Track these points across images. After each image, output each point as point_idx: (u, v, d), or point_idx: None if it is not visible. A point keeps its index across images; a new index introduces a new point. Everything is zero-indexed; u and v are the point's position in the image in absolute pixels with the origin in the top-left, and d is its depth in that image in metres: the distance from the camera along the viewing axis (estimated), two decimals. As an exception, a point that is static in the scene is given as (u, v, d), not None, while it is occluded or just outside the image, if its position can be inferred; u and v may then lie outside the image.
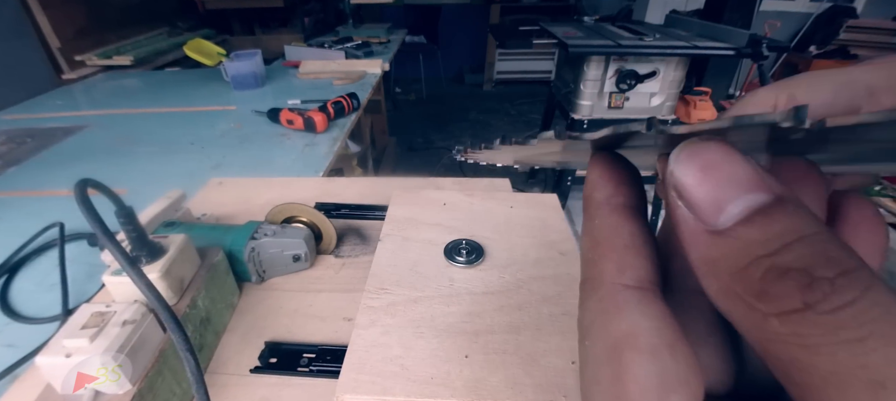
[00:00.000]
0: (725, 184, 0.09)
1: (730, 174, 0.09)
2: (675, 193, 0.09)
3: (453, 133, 3.08)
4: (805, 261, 0.08)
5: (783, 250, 0.08)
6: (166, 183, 0.53)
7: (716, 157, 0.09)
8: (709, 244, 0.09)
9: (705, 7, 2.69)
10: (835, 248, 0.08)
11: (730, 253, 0.09)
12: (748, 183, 0.09)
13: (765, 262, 0.08)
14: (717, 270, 0.09)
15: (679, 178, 0.09)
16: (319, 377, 0.38)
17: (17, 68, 1.28)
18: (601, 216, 0.12)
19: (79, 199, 0.27)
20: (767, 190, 0.09)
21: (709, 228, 0.09)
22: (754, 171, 0.09)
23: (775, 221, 0.08)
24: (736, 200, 0.09)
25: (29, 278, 0.54)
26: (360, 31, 2.14)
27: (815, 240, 0.08)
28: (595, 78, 1.61)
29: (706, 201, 0.09)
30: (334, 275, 0.49)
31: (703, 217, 0.09)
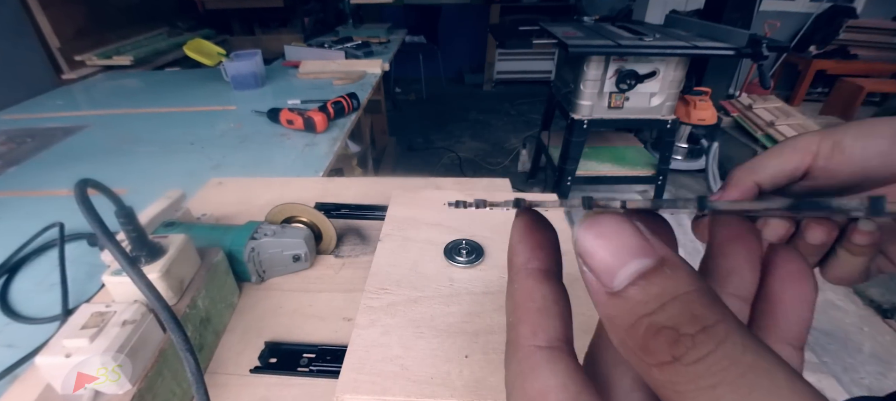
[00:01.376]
0: (616, 252, 0.10)
1: (619, 243, 0.10)
2: (579, 259, 0.11)
3: (453, 133, 3.08)
4: (674, 320, 0.09)
5: (659, 310, 0.09)
6: (166, 183, 0.53)
7: (608, 228, 0.11)
8: (607, 304, 0.10)
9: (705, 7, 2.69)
10: (700, 306, 0.09)
11: (622, 312, 0.10)
12: (635, 250, 0.10)
13: (645, 320, 0.10)
14: (615, 326, 0.10)
15: (580, 246, 0.11)
16: (319, 377, 0.38)
17: (17, 68, 1.28)
18: (519, 281, 0.14)
19: (79, 199, 0.27)
20: (651, 255, 0.10)
21: (607, 290, 0.10)
22: (641, 238, 0.10)
23: (654, 284, 0.10)
24: (625, 266, 0.10)
25: (29, 278, 0.54)
26: (360, 31, 2.14)
27: (686, 299, 0.09)
28: (595, 78, 1.61)
29: (602, 267, 0.10)
30: (334, 275, 0.49)
31: (601, 280, 0.10)
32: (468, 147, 2.87)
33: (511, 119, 3.35)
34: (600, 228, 0.11)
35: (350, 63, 1.48)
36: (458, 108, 3.57)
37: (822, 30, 3.14)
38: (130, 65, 1.60)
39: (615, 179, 1.91)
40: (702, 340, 0.09)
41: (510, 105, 3.61)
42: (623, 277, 0.10)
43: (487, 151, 2.82)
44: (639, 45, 1.51)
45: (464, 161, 2.68)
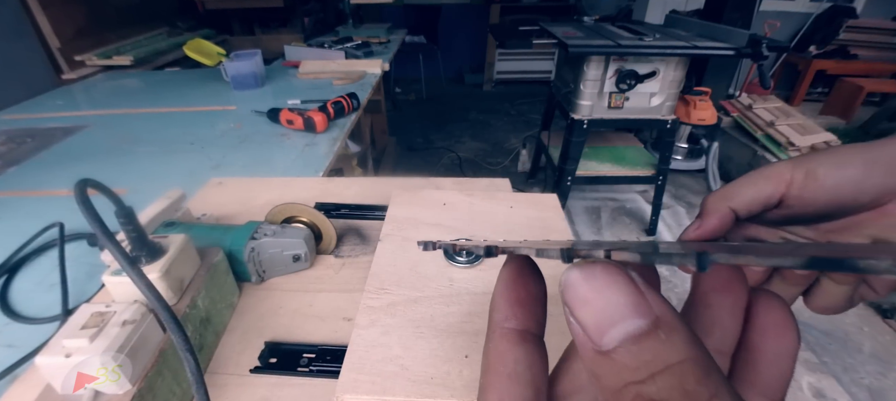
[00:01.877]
0: (606, 310, 0.09)
1: (611, 301, 0.09)
2: (566, 310, 0.10)
3: (453, 133, 3.08)
4: (664, 394, 0.09)
5: (649, 380, 0.09)
6: (166, 183, 0.53)
7: (600, 283, 0.10)
8: (594, 360, 0.10)
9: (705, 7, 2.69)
10: (693, 380, 0.08)
11: (609, 373, 0.09)
12: (627, 309, 0.09)
13: (633, 389, 0.09)
14: (600, 385, 0.10)
15: (568, 296, 0.10)
16: (319, 377, 0.38)
17: (17, 68, 1.28)
18: (493, 340, 0.13)
19: (79, 199, 0.27)
20: (645, 315, 0.09)
21: (594, 347, 0.09)
22: (635, 294, 0.09)
23: (646, 350, 0.09)
24: (615, 326, 0.09)
25: (29, 278, 0.54)
26: (359, 31, 2.14)
27: (679, 371, 0.09)
28: (595, 78, 1.61)
29: (590, 325, 0.09)
30: (334, 275, 0.49)
31: (589, 336, 0.10)
32: (468, 147, 2.87)
33: (511, 119, 3.35)
34: (593, 280, 0.10)
35: (350, 63, 1.48)
36: (458, 108, 3.57)
37: (822, 30, 3.14)
38: (130, 65, 1.60)
39: (615, 179, 1.91)
40: None
41: (510, 105, 3.61)
42: (613, 337, 0.09)
43: (487, 151, 2.82)
44: (639, 45, 1.51)
45: (464, 161, 2.68)
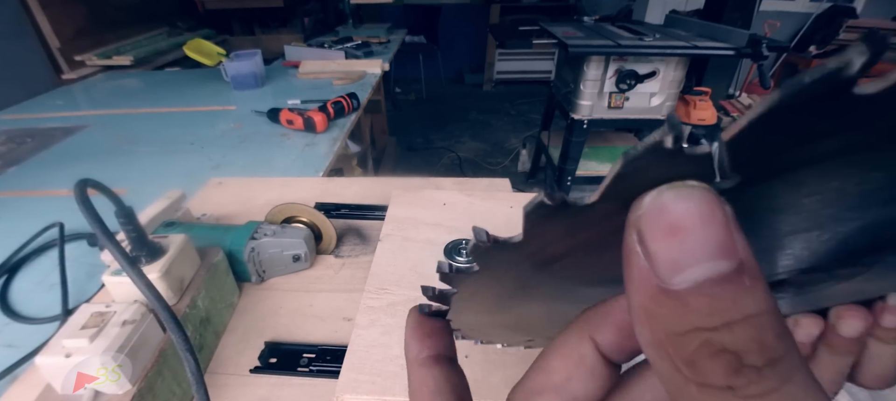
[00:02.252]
0: (691, 248, 0.08)
1: (700, 239, 0.08)
2: (635, 236, 0.09)
3: (453, 133, 3.08)
4: (740, 344, 0.08)
5: (723, 329, 0.08)
6: (166, 183, 0.53)
7: (694, 215, 0.08)
8: (655, 298, 0.08)
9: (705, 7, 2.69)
10: (771, 334, 0.08)
11: (673, 315, 0.08)
12: (715, 250, 0.08)
13: (703, 334, 0.08)
14: (655, 326, 0.09)
15: (646, 224, 0.09)
16: (319, 377, 0.38)
17: (17, 68, 1.28)
18: (413, 371, 0.14)
19: (79, 199, 0.27)
20: (733, 256, 0.08)
21: (659, 283, 0.08)
22: (726, 234, 0.08)
23: (726, 296, 0.08)
24: (696, 266, 0.08)
25: (29, 278, 0.54)
26: (359, 31, 2.14)
27: (756, 323, 0.08)
28: (595, 78, 1.61)
29: (665, 259, 0.08)
30: (334, 275, 0.49)
31: (658, 272, 0.08)
32: (468, 147, 2.87)
33: (511, 119, 3.35)
34: (687, 207, 0.08)
35: (350, 63, 1.48)
36: (458, 108, 3.57)
37: (822, 30, 3.14)
38: (130, 65, 1.60)
39: (615, 179, 1.90)
40: (767, 375, 0.08)
41: (510, 105, 3.61)
42: (690, 277, 0.08)
43: (487, 151, 2.82)
44: (639, 45, 1.51)
45: (464, 161, 2.68)
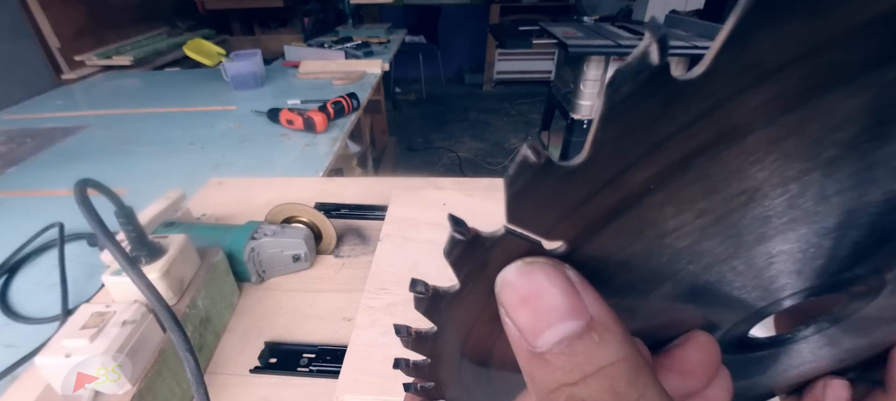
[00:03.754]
0: (542, 313, 0.09)
1: (545, 305, 0.09)
2: (502, 309, 0.10)
3: (453, 133, 3.08)
4: (596, 395, 0.09)
5: (581, 383, 0.09)
6: (166, 183, 0.53)
7: (532, 287, 0.09)
8: (529, 361, 0.10)
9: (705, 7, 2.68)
10: (622, 382, 0.09)
11: (543, 374, 0.09)
12: (563, 312, 0.09)
13: (567, 389, 0.09)
14: (535, 385, 0.10)
15: (504, 300, 0.10)
16: (319, 377, 0.38)
17: (17, 68, 1.28)
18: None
19: (79, 199, 0.27)
20: (581, 316, 0.09)
21: (529, 348, 0.09)
22: (571, 297, 0.09)
23: (579, 352, 0.09)
24: (550, 329, 0.09)
25: (29, 278, 0.54)
26: (359, 32, 2.14)
27: (609, 373, 0.09)
28: (595, 78, 1.61)
29: (525, 327, 0.09)
30: (334, 275, 0.49)
31: (524, 338, 0.09)
32: (468, 147, 2.87)
33: (511, 119, 3.34)
34: (527, 286, 0.09)
35: (350, 63, 1.48)
36: (458, 108, 3.57)
37: (822, 30, 3.14)
38: (130, 65, 1.60)
39: (615, 179, 1.90)
40: None
41: (510, 105, 3.61)
42: (548, 339, 0.09)
43: (487, 151, 2.82)
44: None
45: (464, 161, 2.68)
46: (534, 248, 0.10)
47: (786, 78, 0.07)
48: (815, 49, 0.06)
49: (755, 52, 0.06)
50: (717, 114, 0.07)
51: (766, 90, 0.07)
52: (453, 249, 0.10)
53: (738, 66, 0.07)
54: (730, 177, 0.08)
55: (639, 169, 0.08)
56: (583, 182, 0.08)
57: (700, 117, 0.07)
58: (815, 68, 0.07)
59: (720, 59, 0.06)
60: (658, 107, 0.07)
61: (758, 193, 0.09)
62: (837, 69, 0.07)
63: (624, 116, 0.07)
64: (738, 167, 0.08)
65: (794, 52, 0.06)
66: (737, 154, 0.08)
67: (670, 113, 0.07)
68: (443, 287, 0.10)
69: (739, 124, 0.07)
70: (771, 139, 0.08)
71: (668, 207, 0.09)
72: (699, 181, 0.08)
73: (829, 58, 0.07)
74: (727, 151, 0.08)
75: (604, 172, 0.08)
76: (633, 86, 0.07)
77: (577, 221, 0.09)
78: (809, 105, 0.07)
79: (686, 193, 0.09)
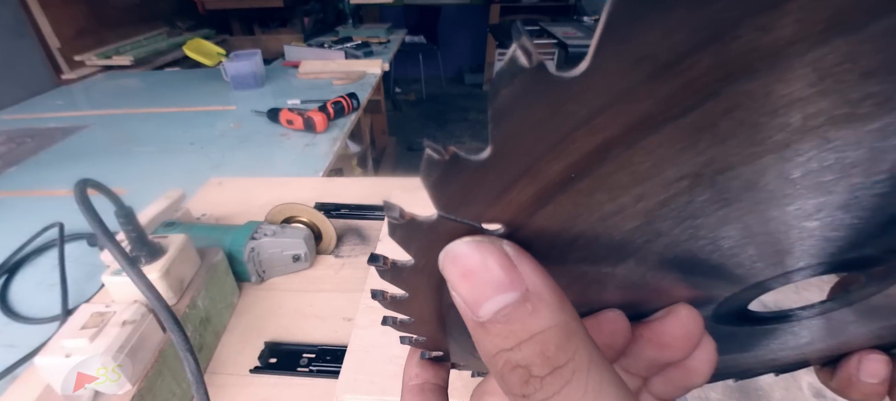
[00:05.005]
0: (480, 287, 0.10)
1: (483, 278, 0.10)
2: (448, 283, 0.11)
3: (453, 133, 3.08)
4: (527, 359, 0.10)
5: (515, 348, 0.10)
6: (166, 183, 0.53)
7: (472, 263, 0.10)
8: (473, 329, 0.10)
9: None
10: (553, 346, 0.09)
11: (486, 342, 0.10)
12: (500, 285, 0.10)
13: (505, 354, 0.10)
14: (482, 351, 0.11)
15: (448, 275, 0.11)
16: (319, 377, 0.38)
17: (17, 68, 1.28)
18: (403, 395, 0.16)
19: (78, 199, 0.27)
20: (516, 288, 0.10)
21: (473, 318, 0.10)
22: (505, 271, 0.10)
23: (515, 321, 0.10)
24: (488, 300, 0.10)
25: (29, 278, 0.54)
26: (359, 32, 2.14)
27: (541, 339, 0.10)
28: (595, 78, 1.62)
29: (468, 299, 0.10)
30: (334, 275, 0.49)
31: (468, 310, 0.10)
32: (468, 147, 2.87)
33: (511, 119, 3.34)
34: (464, 263, 0.10)
35: (350, 63, 1.48)
36: (458, 108, 3.57)
37: (822, 30, 3.14)
38: (130, 65, 1.60)
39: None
40: (549, 382, 0.09)
41: (510, 105, 3.60)
42: (487, 309, 0.10)
43: (487, 151, 2.82)
44: (639, 45, 1.51)
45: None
46: (473, 228, 0.10)
47: (690, 69, 0.07)
48: (716, 37, 0.06)
49: (643, 45, 0.06)
50: (618, 107, 0.07)
51: (670, 81, 0.07)
52: (394, 232, 0.10)
53: (628, 60, 0.06)
54: (660, 164, 0.08)
55: (551, 161, 0.08)
56: (496, 174, 0.08)
57: (600, 111, 0.07)
58: (723, 57, 0.06)
59: (602, 56, 0.06)
60: (546, 104, 0.07)
61: (701, 178, 0.09)
62: (758, 56, 0.06)
63: (513, 116, 0.07)
64: (665, 155, 0.08)
65: (690, 42, 0.06)
66: (659, 142, 0.08)
67: (564, 109, 0.07)
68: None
69: (651, 115, 0.07)
70: (697, 127, 0.08)
71: (599, 193, 0.09)
72: (624, 169, 0.08)
73: (740, 46, 0.06)
74: (646, 139, 0.08)
75: (513, 165, 0.08)
76: (513, 88, 0.07)
77: (505, 207, 0.09)
78: (730, 94, 0.07)
79: (614, 180, 0.09)
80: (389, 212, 0.10)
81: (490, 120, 0.07)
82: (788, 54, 0.06)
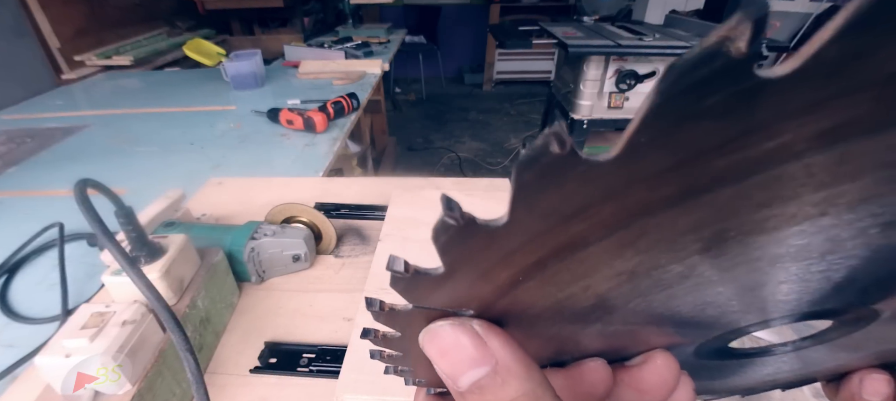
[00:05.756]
0: (456, 363, 0.11)
1: (458, 356, 0.11)
2: (430, 360, 0.12)
3: (453, 133, 3.08)
4: None
5: None
6: (166, 183, 0.53)
7: (447, 342, 0.12)
8: (456, 397, 0.12)
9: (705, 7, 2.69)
10: None
11: None
12: (472, 361, 0.11)
13: None
14: None
15: (429, 354, 0.12)
16: (319, 377, 0.38)
17: (16, 68, 1.28)
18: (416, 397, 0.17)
19: (78, 199, 0.27)
20: (487, 362, 0.11)
21: (455, 387, 0.12)
22: (476, 348, 0.11)
23: (488, 392, 0.11)
24: (464, 374, 0.11)
25: (29, 278, 0.54)
26: (359, 32, 2.14)
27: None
28: (595, 78, 1.61)
29: (448, 373, 0.12)
30: (334, 275, 0.49)
31: (450, 382, 0.12)
32: (468, 147, 2.87)
33: (511, 119, 3.34)
34: (439, 343, 0.12)
35: (350, 63, 1.48)
36: (458, 108, 3.57)
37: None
38: (130, 65, 1.60)
39: (615, 179, 1.90)
40: None
41: (510, 105, 3.60)
42: (463, 383, 0.11)
43: (487, 151, 2.82)
44: (639, 45, 1.51)
45: (464, 161, 2.68)
46: (445, 312, 0.12)
47: (593, 215, 0.08)
48: (608, 198, 0.08)
49: (545, 206, 0.08)
50: (538, 240, 0.09)
51: (578, 223, 0.08)
52: (378, 319, 0.12)
53: (537, 214, 0.08)
54: (596, 266, 0.10)
55: (499, 271, 0.10)
56: (452, 284, 0.10)
57: (524, 244, 0.09)
58: (620, 205, 0.08)
59: (515, 213, 0.08)
60: (481, 243, 0.09)
61: (635, 275, 0.10)
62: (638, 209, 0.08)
63: (455, 253, 0.09)
64: (598, 261, 0.10)
65: (585, 201, 0.08)
66: (587, 256, 0.09)
67: (495, 245, 0.09)
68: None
69: (570, 243, 0.09)
70: (620, 244, 0.09)
71: (548, 287, 0.11)
72: (564, 272, 0.10)
73: (631, 199, 0.08)
74: (575, 255, 0.09)
75: (465, 277, 0.10)
76: (449, 236, 0.09)
77: (469, 301, 0.11)
78: (635, 227, 0.08)
79: (558, 278, 0.10)
80: (370, 307, 0.11)
81: (437, 252, 0.09)
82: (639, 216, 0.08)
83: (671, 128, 0.06)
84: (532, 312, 0.12)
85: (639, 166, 0.07)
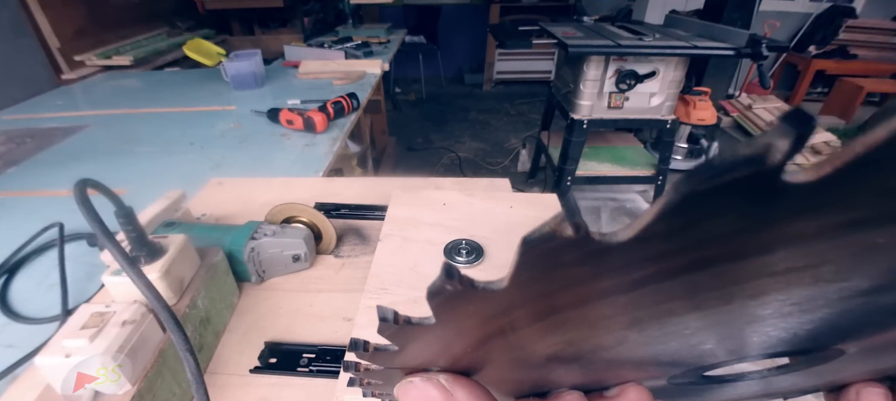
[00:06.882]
0: None
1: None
2: None
3: (453, 133, 3.08)
4: None
5: None
6: (166, 183, 0.53)
7: (417, 395, 0.13)
8: None
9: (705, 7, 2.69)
10: None
11: None
12: None
13: None
14: None
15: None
16: (319, 377, 0.38)
17: (16, 68, 1.27)
18: None
19: (78, 199, 0.27)
20: None
21: None
22: (444, 398, 0.13)
23: None
24: None
25: (29, 278, 0.54)
26: (359, 32, 2.14)
27: None
28: (595, 78, 1.61)
29: None
30: (334, 275, 0.49)
31: None
32: (468, 147, 2.87)
33: (511, 119, 3.34)
34: (411, 394, 0.14)
35: (350, 63, 1.48)
36: (458, 108, 3.57)
37: (822, 30, 3.14)
38: (130, 65, 1.60)
39: (615, 179, 1.90)
40: None
41: (510, 105, 3.60)
42: None
43: (487, 151, 2.82)
44: (639, 45, 1.51)
45: (464, 161, 2.68)
46: (418, 368, 0.14)
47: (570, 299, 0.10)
48: (572, 285, 0.09)
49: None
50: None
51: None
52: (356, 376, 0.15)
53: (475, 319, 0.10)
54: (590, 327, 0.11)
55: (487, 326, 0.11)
56: (435, 336, 0.11)
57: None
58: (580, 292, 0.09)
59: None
60: (471, 309, 0.10)
61: (623, 338, 0.11)
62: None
63: (444, 315, 0.10)
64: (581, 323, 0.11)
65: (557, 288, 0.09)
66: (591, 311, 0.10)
67: (484, 309, 0.10)
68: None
69: (557, 306, 0.10)
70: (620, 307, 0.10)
71: (514, 349, 0.12)
72: (530, 335, 0.11)
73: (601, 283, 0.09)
74: (531, 327, 0.11)
75: (447, 333, 0.11)
76: (438, 301, 0.10)
77: (447, 359, 0.13)
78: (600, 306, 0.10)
79: (519, 340, 0.11)
80: (347, 370, 0.14)
81: (431, 310, 0.10)
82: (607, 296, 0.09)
83: (688, 224, 0.07)
84: (504, 360, 0.13)
85: (649, 248, 0.08)
